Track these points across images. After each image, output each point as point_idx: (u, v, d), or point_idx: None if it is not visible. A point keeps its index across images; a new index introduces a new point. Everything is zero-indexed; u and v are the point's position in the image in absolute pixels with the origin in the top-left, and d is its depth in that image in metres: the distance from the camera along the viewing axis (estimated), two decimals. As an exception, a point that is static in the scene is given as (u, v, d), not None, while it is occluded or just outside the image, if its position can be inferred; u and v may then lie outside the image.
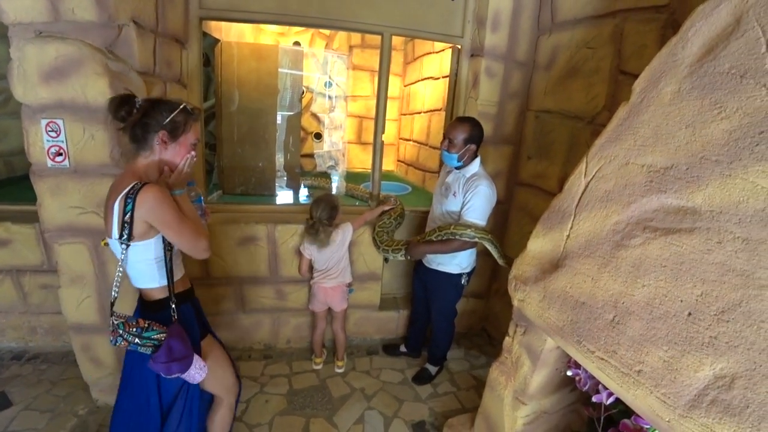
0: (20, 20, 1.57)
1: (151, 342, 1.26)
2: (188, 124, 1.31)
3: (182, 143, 1.30)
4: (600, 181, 1.23)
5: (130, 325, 1.25)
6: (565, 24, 2.12)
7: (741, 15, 0.96)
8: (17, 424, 1.95)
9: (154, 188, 1.20)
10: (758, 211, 0.85)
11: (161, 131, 1.25)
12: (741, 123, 0.91)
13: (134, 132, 1.25)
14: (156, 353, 1.25)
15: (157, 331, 1.28)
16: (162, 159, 1.29)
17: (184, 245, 1.28)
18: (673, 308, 0.96)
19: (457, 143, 1.93)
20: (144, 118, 1.24)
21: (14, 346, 2.52)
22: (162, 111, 1.26)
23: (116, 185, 1.24)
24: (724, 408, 0.84)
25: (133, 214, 1.18)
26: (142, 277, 1.33)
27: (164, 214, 1.21)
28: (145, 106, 1.25)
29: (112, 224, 1.22)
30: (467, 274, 2.18)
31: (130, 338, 1.24)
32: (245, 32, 3.95)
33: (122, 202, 1.19)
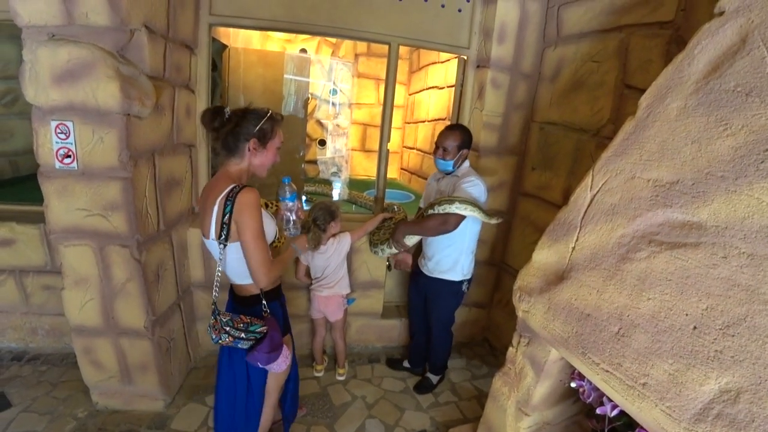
0: (34, 23, 1.59)
1: (254, 335, 1.38)
2: (274, 130, 1.42)
3: (270, 148, 1.42)
4: (606, 194, 1.24)
5: (237, 321, 1.37)
6: (570, 37, 2.14)
7: (747, 34, 0.98)
8: (16, 426, 1.94)
9: (254, 192, 1.31)
10: (763, 227, 0.86)
11: (252, 139, 1.36)
12: (746, 140, 0.92)
13: (227, 141, 1.36)
14: (260, 344, 1.36)
15: (259, 325, 1.40)
16: (252, 164, 1.41)
17: (251, 261, 1.33)
18: (678, 322, 0.97)
19: (451, 150, 1.98)
20: (236, 128, 1.35)
21: (14, 347, 2.51)
22: (251, 120, 1.36)
23: (211, 188, 1.36)
24: (729, 422, 0.84)
25: (232, 216, 1.28)
26: (238, 274, 1.44)
27: (250, 219, 1.29)
28: (236, 117, 1.35)
29: (210, 225, 1.32)
30: (468, 281, 2.17)
31: (236, 333, 1.35)
32: (252, 38, 3.99)
33: (222, 203, 1.29)
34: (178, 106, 2.10)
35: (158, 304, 2.01)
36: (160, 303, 2.04)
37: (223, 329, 1.34)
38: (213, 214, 1.31)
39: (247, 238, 1.30)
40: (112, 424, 1.99)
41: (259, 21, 2.28)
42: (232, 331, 1.34)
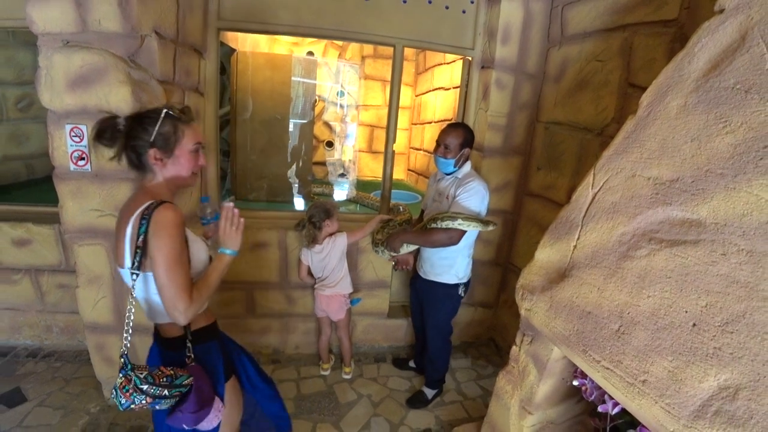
0: (49, 30, 1.65)
1: (179, 390, 1.09)
2: (179, 130, 1.15)
3: (180, 154, 1.15)
4: (607, 192, 1.24)
5: (158, 376, 1.07)
6: (574, 37, 2.14)
7: (746, 32, 0.98)
8: (31, 420, 2.00)
9: (173, 210, 1.07)
10: (762, 224, 0.86)
11: (151, 149, 1.11)
12: (745, 137, 0.92)
13: (128, 158, 1.13)
14: (184, 403, 1.08)
15: (184, 376, 1.11)
16: (167, 178, 1.16)
17: (164, 291, 1.05)
18: (678, 319, 0.97)
19: (452, 148, 1.94)
20: (130, 141, 1.10)
21: (30, 344, 2.59)
22: (145, 127, 1.10)
23: (126, 207, 1.13)
24: (728, 419, 0.84)
25: (147, 237, 1.04)
26: (157, 311, 1.16)
27: (165, 243, 1.04)
28: (127, 127, 1.11)
29: (124, 251, 1.08)
30: (464, 284, 2.12)
31: (157, 392, 1.05)
32: (260, 42, 4.05)
33: (136, 223, 1.06)
34: (187, 109, 2.15)
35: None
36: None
37: (137, 389, 1.02)
38: (126, 237, 1.07)
39: (160, 263, 1.03)
40: (122, 419, 2.04)
41: (266, 25, 2.33)
42: (151, 390, 1.03)
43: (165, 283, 1.04)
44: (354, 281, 2.56)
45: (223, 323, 2.61)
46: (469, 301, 2.85)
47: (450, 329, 2.27)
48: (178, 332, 1.20)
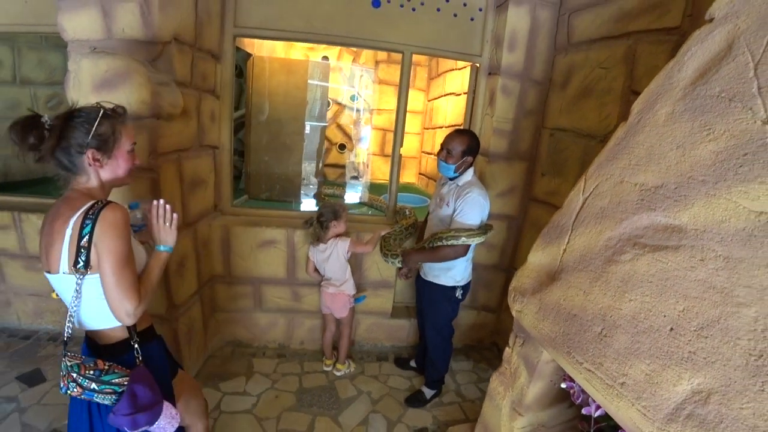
0: (78, 37, 1.78)
1: (110, 388, 1.06)
2: (117, 130, 1.12)
3: (118, 155, 1.13)
4: (597, 198, 1.26)
5: (86, 367, 1.04)
6: (580, 44, 2.16)
7: (733, 40, 0.99)
8: (49, 398, 2.13)
9: (121, 210, 1.05)
10: (739, 230, 0.87)
11: (89, 150, 1.07)
12: (727, 145, 0.94)
13: (58, 160, 1.06)
14: (118, 404, 1.05)
15: (118, 374, 1.08)
16: (104, 180, 1.13)
17: (111, 293, 1.03)
18: (656, 323, 0.99)
19: (455, 154, 1.95)
20: (63, 142, 1.05)
21: (51, 329, 2.74)
22: (80, 127, 1.06)
23: (57, 212, 1.06)
24: (699, 422, 0.86)
25: (92, 237, 1.01)
26: (98, 317, 1.11)
27: (114, 243, 1.02)
28: (58, 126, 1.04)
29: (60, 254, 1.03)
30: (462, 287, 2.14)
31: (85, 383, 1.03)
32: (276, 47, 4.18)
33: (78, 223, 1.01)
34: (203, 111, 2.27)
35: (179, 295, 2.16)
36: (182, 293, 2.19)
37: (69, 376, 1.02)
38: (65, 238, 1.02)
39: (110, 263, 1.01)
40: None
41: (279, 32, 2.42)
42: (79, 380, 1.02)
43: (114, 282, 1.02)
44: (358, 281, 2.62)
45: (231, 317, 2.73)
46: (472, 305, 2.86)
47: (450, 331, 2.29)
48: (121, 335, 1.15)
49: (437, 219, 2.13)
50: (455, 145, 1.96)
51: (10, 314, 2.73)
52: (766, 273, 0.82)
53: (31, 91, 3.53)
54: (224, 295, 2.64)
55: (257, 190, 3.55)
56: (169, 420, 1.15)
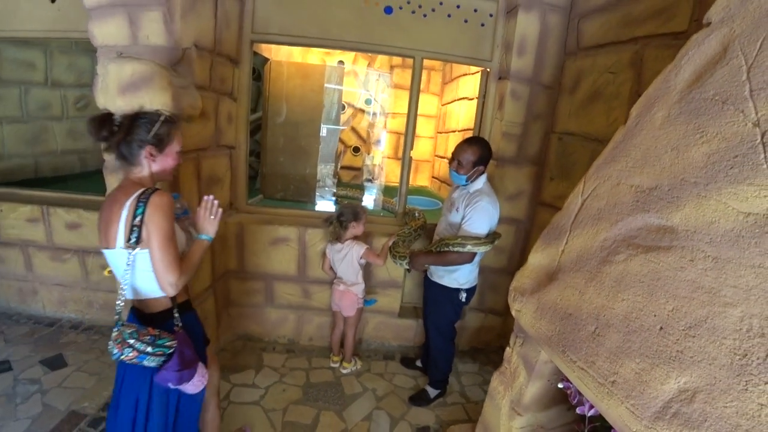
0: (106, 43, 1.91)
1: (162, 350, 1.23)
2: (171, 134, 1.32)
3: (168, 153, 1.34)
4: (594, 199, 1.28)
5: (142, 333, 1.22)
6: (589, 49, 2.16)
7: (728, 44, 1.00)
8: (70, 382, 2.27)
9: (167, 195, 1.24)
10: (728, 231, 0.88)
11: (147, 146, 1.26)
12: (719, 147, 0.95)
13: (120, 151, 1.26)
14: (168, 362, 1.23)
15: (167, 338, 1.26)
16: (153, 172, 1.32)
17: (158, 265, 1.22)
18: (647, 322, 1.00)
19: (465, 165, 1.96)
20: (127, 136, 1.25)
21: (73, 317, 2.90)
22: (144, 126, 1.26)
23: (115, 197, 1.25)
24: (684, 421, 0.87)
25: (144, 217, 1.19)
26: (147, 287, 1.29)
27: (162, 222, 1.20)
28: (126, 124, 1.25)
29: (117, 232, 1.21)
30: (466, 290, 2.15)
31: (141, 347, 1.20)
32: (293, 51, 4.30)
33: (132, 206, 1.20)
34: (220, 112, 2.37)
35: (194, 287, 2.26)
36: (196, 286, 2.28)
37: (126, 343, 1.19)
38: (121, 219, 1.21)
39: (158, 240, 1.20)
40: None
41: (294, 38, 2.52)
42: (137, 345, 1.19)
43: (160, 256, 1.21)
44: (367, 280, 2.67)
45: (243, 311, 2.81)
46: (479, 308, 2.87)
47: (452, 332, 2.31)
48: (165, 305, 1.34)
49: (446, 223, 2.16)
50: (466, 155, 1.96)
51: (36, 302, 2.90)
52: (752, 273, 0.82)
53: (61, 92, 3.76)
54: (237, 290, 2.73)
55: (272, 190, 3.65)
56: (200, 378, 1.34)
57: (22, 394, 2.13)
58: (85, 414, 2.04)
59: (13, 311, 2.90)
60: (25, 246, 2.76)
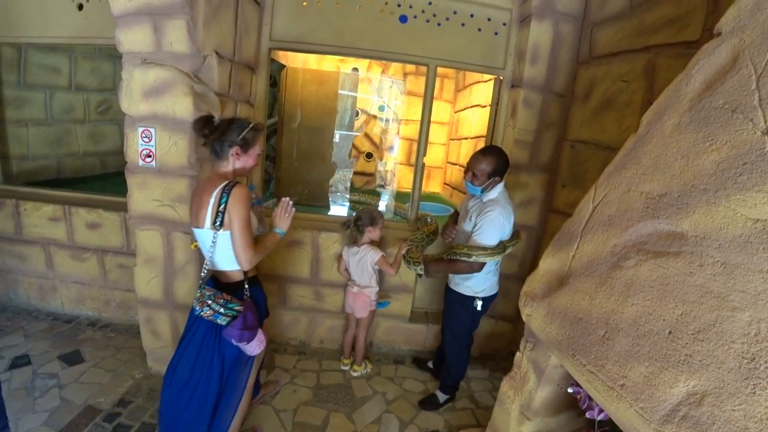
0: (131, 50, 1.99)
1: (231, 312, 1.54)
2: (255, 139, 1.64)
3: (251, 155, 1.65)
4: (605, 206, 1.30)
5: (218, 296, 1.54)
6: (602, 58, 2.18)
7: (738, 54, 1.02)
8: (86, 378, 2.33)
9: (245, 188, 1.54)
10: (736, 237, 0.90)
11: (235, 146, 1.57)
12: (728, 154, 0.96)
13: (214, 147, 1.58)
14: (234, 321, 1.53)
15: (236, 303, 1.56)
16: (235, 168, 1.62)
17: (236, 244, 1.52)
18: (656, 326, 1.01)
19: (480, 176, 1.93)
20: (222, 136, 1.56)
21: (91, 315, 2.98)
22: (236, 130, 1.57)
23: (204, 186, 1.56)
24: (693, 424, 0.88)
25: (227, 205, 1.49)
26: (225, 260, 1.60)
27: (241, 210, 1.50)
28: (222, 126, 1.57)
29: (206, 216, 1.53)
30: (482, 299, 2.13)
31: (216, 307, 1.52)
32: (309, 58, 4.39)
33: (218, 195, 1.50)
34: (238, 117, 2.44)
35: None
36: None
37: (205, 302, 1.51)
38: (209, 205, 1.50)
39: (237, 224, 1.49)
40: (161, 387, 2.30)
41: (312, 45, 2.58)
42: (213, 305, 1.51)
43: (239, 237, 1.51)
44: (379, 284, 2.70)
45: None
46: (490, 314, 2.86)
47: (467, 340, 2.30)
48: (238, 278, 1.66)
49: (461, 231, 2.17)
50: (482, 166, 1.92)
51: (55, 299, 2.99)
52: (760, 278, 0.84)
53: (84, 96, 3.89)
54: (250, 292, 2.78)
55: (286, 194, 3.71)
56: (259, 342, 1.63)
57: (40, 387, 2.21)
58: (101, 409, 2.10)
59: (33, 308, 3.00)
60: (47, 244, 2.86)
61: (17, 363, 2.38)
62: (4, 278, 2.98)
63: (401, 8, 2.54)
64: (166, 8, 1.85)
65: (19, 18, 2.68)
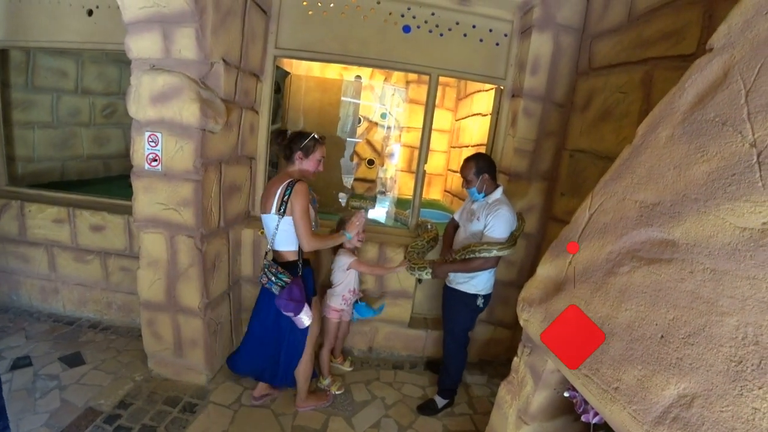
0: (140, 56, 2.04)
1: (281, 282, 1.91)
2: (315, 147, 2.03)
3: (311, 159, 2.04)
4: (601, 214, 1.33)
5: (272, 267, 1.95)
6: (601, 69, 2.23)
7: (729, 69, 1.07)
8: (87, 379, 2.35)
9: (305, 185, 1.94)
10: (725, 244, 0.93)
11: (299, 152, 2.00)
12: (718, 165, 1.00)
13: (284, 152, 2.03)
14: (281, 292, 1.89)
15: (285, 275, 1.93)
16: (300, 168, 2.03)
17: (298, 229, 1.93)
18: (649, 331, 1.04)
19: (471, 179, 2.15)
20: (290, 144, 2.01)
21: (92, 317, 3.00)
22: (300, 140, 2.00)
23: (275, 182, 1.97)
24: (683, 425, 0.90)
25: (290, 197, 1.89)
26: (284, 242, 2.00)
27: (299, 202, 1.89)
28: (291, 137, 2.02)
29: (273, 203, 1.92)
30: (483, 296, 2.24)
31: (270, 276, 1.93)
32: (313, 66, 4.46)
33: (284, 188, 1.91)
34: (244, 124, 2.49)
35: (212, 290, 2.34)
36: (214, 289, 2.37)
37: (264, 271, 1.96)
38: (276, 195, 1.91)
39: (298, 212, 1.89)
40: (161, 390, 2.32)
41: (317, 54, 2.64)
42: (268, 273, 1.94)
43: (299, 223, 1.91)
44: (378, 288, 2.74)
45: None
46: (489, 320, 2.89)
47: (465, 339, 2.37)
48: (292, 258, 2.03)
49: (468, 233, 2.24)
50: (467, 172, 2.18)
51: (57, 301, 3.01)
52: (747, 284, 0.87)
53: (90, 100, 3.94)
54: (251, 296, 2.79)
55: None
56: (305, 316, 1.96)
57: (41, 389, 2.22)
58: (101, 411, 2.11)
59: (35, 309, 3.01)
60: (50, 246, 2.88)
61: (18, 364, 2.40)
62: (6, 279, 3.00)
63: (405, 18, 2.60)
64: (176, 16, 1.90)
65: (30, 22, 2.74)
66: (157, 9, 1.90)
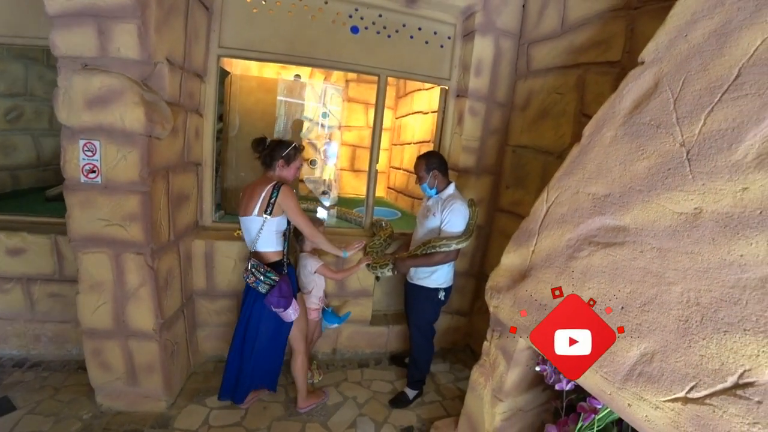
0: (69, 54, 1.81)
1: (269, 281, 1.97)
2: (295, 156, 2.10)
3: (292, 167, 2.10)
4: (558, 206, 1.50)
5: (260, 267, 1.98)
6: (538, 72, 2.47)
7: (659, 80, 1.27)
8: (22, 427, 2.03)
9: (290, 188, 2.02)
10: (667, 227, 1.12)
11: (280, 160, 2.04)
12: (656, 162, 1.20)
13: (265, 160, 2.05)
14: (271, 290, 1.95)
15: (273, 274, 1.99)
16: (280, 175, 2.06)
17: (301, 225, 2.08)
18: (611, 304, 1.22)
19: (422, 175, 2.26)
20: (271, 152, 2.04)
21: (16, 354, 2.59)
22: (282, 148, 2.05)
23: (255, 185, 2.01)
24: (647, 378, 1.08)
25: (278, 199, 1.94)
26: (267, 243, 2.03)
27: (292, 201, 1.99)
28: (271, 145, 2.06)
29: (256, 206, 1.95)
30: (444, 289, 2.35)
31: (258, 275, 1.96)
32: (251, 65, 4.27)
33: (270, 191, 1.95)
34: (189, 128, 2.33)
35: (166, 309, 2.18)
36: (168, 308, 2.20)
37: (250, 271, 1.98)
38: (260, 197, 1.94)
39: (296, 214, 2.02)
40: (116, 425, 2.11)
41: (262, 53, 2.56)
42: (255, 272, 1.97)
43: (299, 219, 2.05)
44: (339, 290, 2.74)
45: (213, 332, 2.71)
46: (446, 309, 3.05)
47: (432, 331, 2.48)
48: (275, 258, 2.07)
49: (425, 229, 2.32)
50: (418, 169, 2.28)
51: (-31, 340, 2.56)
52: (687, 258, 1.06)
53: (-10, 101, 3.37)
54: (206, 311, 2.65)
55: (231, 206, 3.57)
56: (294, 310, 2.06)
57: (-36, 450, 1.89)
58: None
59: (-62, 352, 2.54)
60: (-47, 276, 2.45)
61: (-76, 424, 2.02)
62: None
63: (353, 19, 2.62)
64: (113, 10, 1.72)
65: None
66: (90, 1, 1.70)
